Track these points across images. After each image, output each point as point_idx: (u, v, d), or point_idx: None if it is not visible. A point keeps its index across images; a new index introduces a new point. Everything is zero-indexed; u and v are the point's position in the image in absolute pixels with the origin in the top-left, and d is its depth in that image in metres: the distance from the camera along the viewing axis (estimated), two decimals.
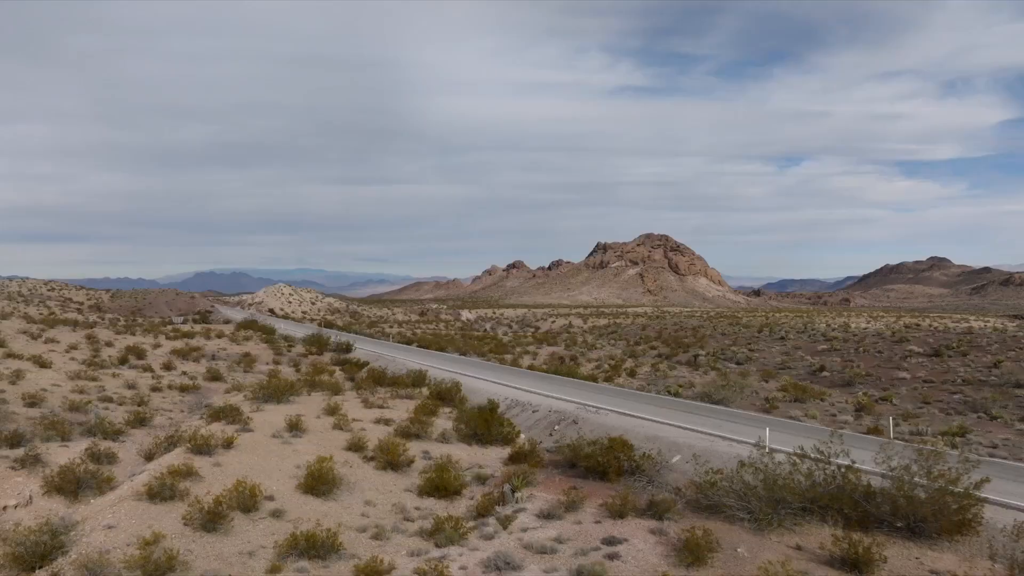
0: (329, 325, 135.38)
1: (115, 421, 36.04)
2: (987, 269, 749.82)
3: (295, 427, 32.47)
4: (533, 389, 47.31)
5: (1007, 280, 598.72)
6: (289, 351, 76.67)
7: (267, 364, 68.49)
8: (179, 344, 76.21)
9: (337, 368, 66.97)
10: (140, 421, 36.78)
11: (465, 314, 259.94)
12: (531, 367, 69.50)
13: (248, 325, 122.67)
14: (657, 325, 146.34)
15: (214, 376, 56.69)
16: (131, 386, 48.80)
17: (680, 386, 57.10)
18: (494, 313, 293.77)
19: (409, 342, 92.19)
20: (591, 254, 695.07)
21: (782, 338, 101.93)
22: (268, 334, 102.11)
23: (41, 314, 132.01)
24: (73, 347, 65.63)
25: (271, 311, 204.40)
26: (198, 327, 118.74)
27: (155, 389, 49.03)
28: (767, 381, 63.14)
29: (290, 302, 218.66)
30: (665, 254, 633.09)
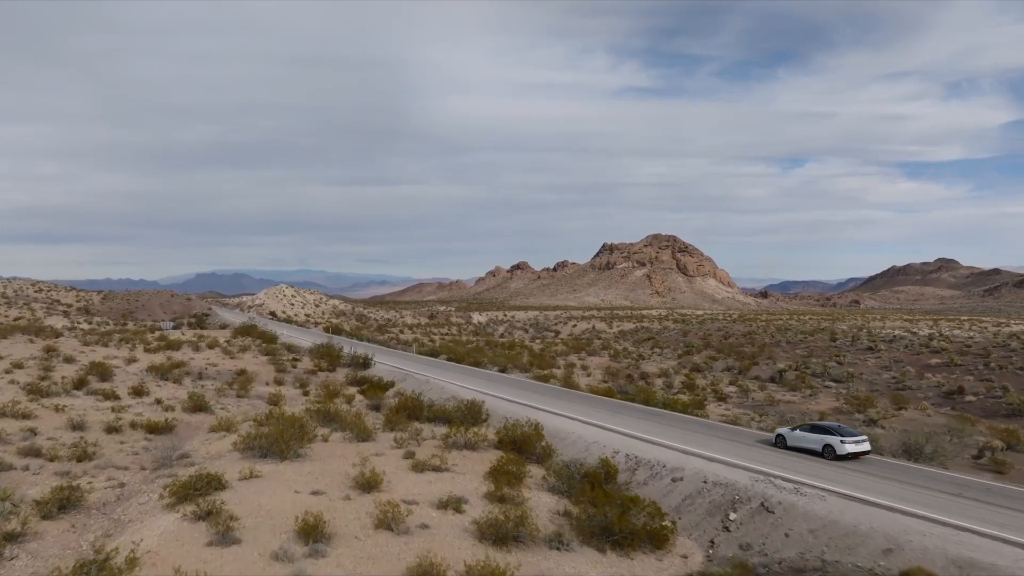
0: (336, 330, 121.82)
1: (19, 501, 22.35)
2: (996, 271, 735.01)
3: (312, 530, 18.65)
4: (637, 432, 33.58)
5: (1021, 281, 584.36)
6: (294, 366, 62.86)
7: (267, 384, 54.78)
8: (159, 358, 62.37)
9: (355, 390, 53.51)
10: (63, 503, 22.93)
11: (476, 317, 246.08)
12: (592, 389, 55.65)
13: (246, 331, 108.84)
14: (698, 330, 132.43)
15: (198, 406, 42.83)
16: (78, 425, 34.95)
17: (802, 419, 43.28)
18: (504, 316, 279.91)
19: (434, 354, 78.49)
20: (597, 255, 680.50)
21: (870, 348, 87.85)
22: (268, 342, 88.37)
23: (13, 318, 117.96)
24: (17, 365, 51.59)
25: (272, 314, 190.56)
26: (189, 334, 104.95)
27: (112, 429, 35.18)
28: (902, 408, 49.21)
29: (292, 304, 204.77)
30: (673, 255, 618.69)
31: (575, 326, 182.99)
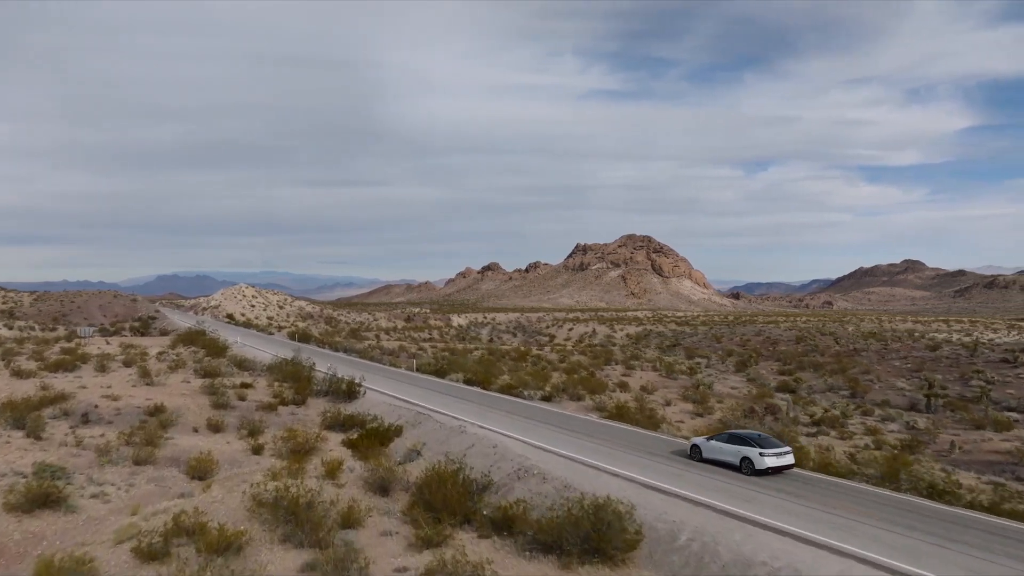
0: (303, 336, 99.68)
1: None
2: (962, 272, 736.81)
3: None
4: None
5: (991, 283, 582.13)
6: (242, 397, 41.43)
7: (195, 432, 33.64)
8: (28, 386, 40.46)
9: (339, 440, 32.81)
10: None
11: (456, 319, 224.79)
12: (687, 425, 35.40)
13: (191, 338, 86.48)
14: (729, 335, 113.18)
15: (42, 494, 21.78)
16: None
17: None
18: (485, 318, 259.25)
19: (440, 371, 57.45)
20: (570, 256, 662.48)
21: (1006, 360, 68.97)
22: (214, 355, 66.66)
23: None
24: None
25: (230, 317, 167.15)
26: (115, 343, 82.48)
27: None
28: None
29: (253, 306, 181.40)
30: (648, 255, 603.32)
31: (571, 329, 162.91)
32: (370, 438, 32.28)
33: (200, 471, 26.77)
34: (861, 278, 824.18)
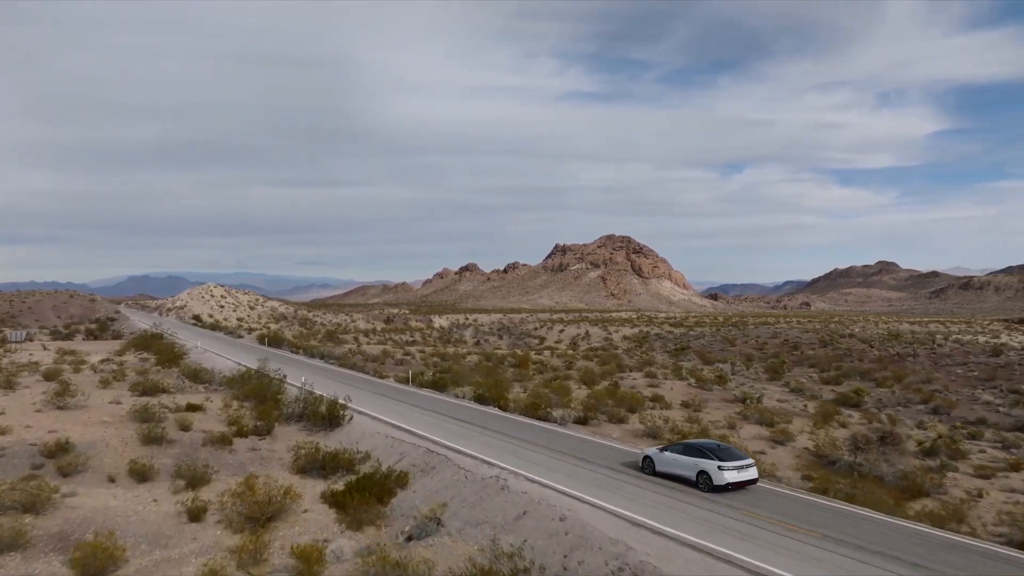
0: (275, 340, 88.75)
1: None
2: (935, 273, 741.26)
3: None
4: None
5: (966, 284, 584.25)
6: (187, 426, 30.84)
7: (108, 481, 23.36)
8: None
9: (317, 490, 23.01)
10: None
11: (438, 321, 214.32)
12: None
13: (144, 343, 75.59)
14: (742, 337, 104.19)
15: None
16: None
17: None
18: (466, 319, 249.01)
19: (439, 384, 47.11)
20: (549, 256, 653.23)
21: None
22: (167, 363, 55.94)
23: None
24: None
25: (196, 318, 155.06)
26: (53, 349, 71.25)
27: None
28: None
29: (222, 307, 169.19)
30: (627, 256, 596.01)
31: (562, 331, 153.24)
32: (363, 491, 22.24)
33: (94, 567, 16.55)
34: (836, 279, 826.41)
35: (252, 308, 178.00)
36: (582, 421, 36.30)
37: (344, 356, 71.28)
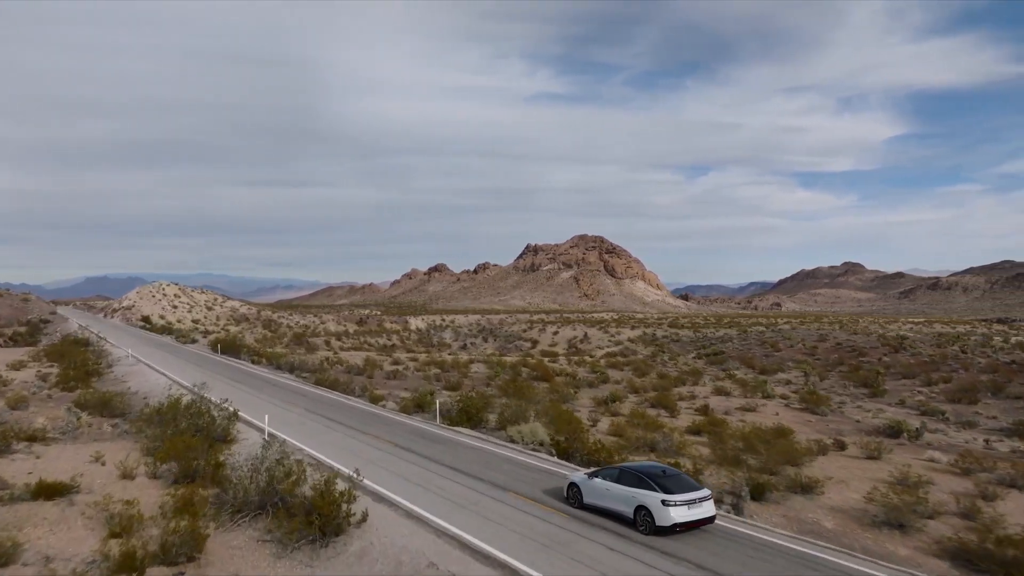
0: (231, 346, 71.21)
1: None
2: (900, 274, 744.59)
3: None
4: None
5: (935, 284, 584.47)
6: (15, 541, 14.70)
7: None
8: None
9: None
10: None
11: (415, 322, 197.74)
12: None
13: (60, 351, 58.44)
14: (772, 339, 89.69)
15: None
16: None
17: None
18: (443, 320, 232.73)
19: (473, 418, 31.34)
20: (520, 256, 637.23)
21: None
22: (72, 380, 39.44)
23: None
24: None
25: (146, 320, 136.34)
26: None
27: None
28: None
29: (175, 307, 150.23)
30: (600, 256, 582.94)
31: (556, 333, 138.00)
32: None
33: None
34: (803, 280, 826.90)
35: (210, 309, 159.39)
36: (757, 493, 20.85)
37: (319, 367, 54.75)
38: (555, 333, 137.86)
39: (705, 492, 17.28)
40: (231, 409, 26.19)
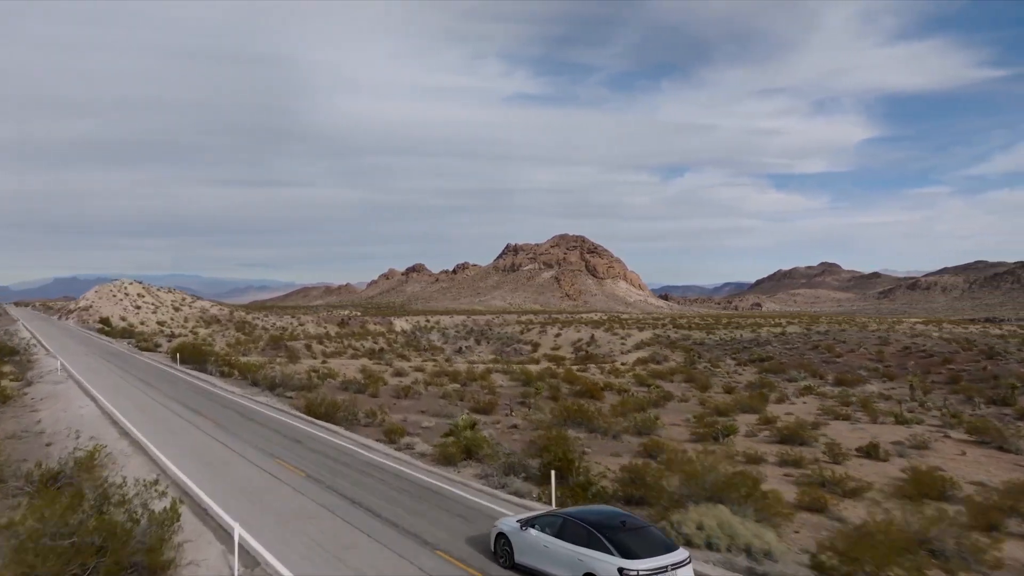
0: (197, 352, 57.81)
1: None
2: (876, 274, 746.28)
3: None
4: None
5: (914, 284, 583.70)
6: None
7: None
8: None
9: None
10: None
11: (400, 323, 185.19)
12: None
13: None
14: (822, 342, 78.57)
15: None
16: None
17: None
18: (428, 321, 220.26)
19: (563, 468, 19.66)
20: (500, 256, 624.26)
21: None
22: None
23: None
24: None
25: (104, 322, 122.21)
26: None
27: None
28: None
29: (138, 307, 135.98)
30: (582, 256, 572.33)
31: (558, 336, 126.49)
32: None
33: None
34: (780, 280, 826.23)
35: (177, 310, 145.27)
36: None
37: (308, 384, 42.18)
38: (557, 335, 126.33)
39: (682, 555, 12.39)
40: (170, 499, 13.97)
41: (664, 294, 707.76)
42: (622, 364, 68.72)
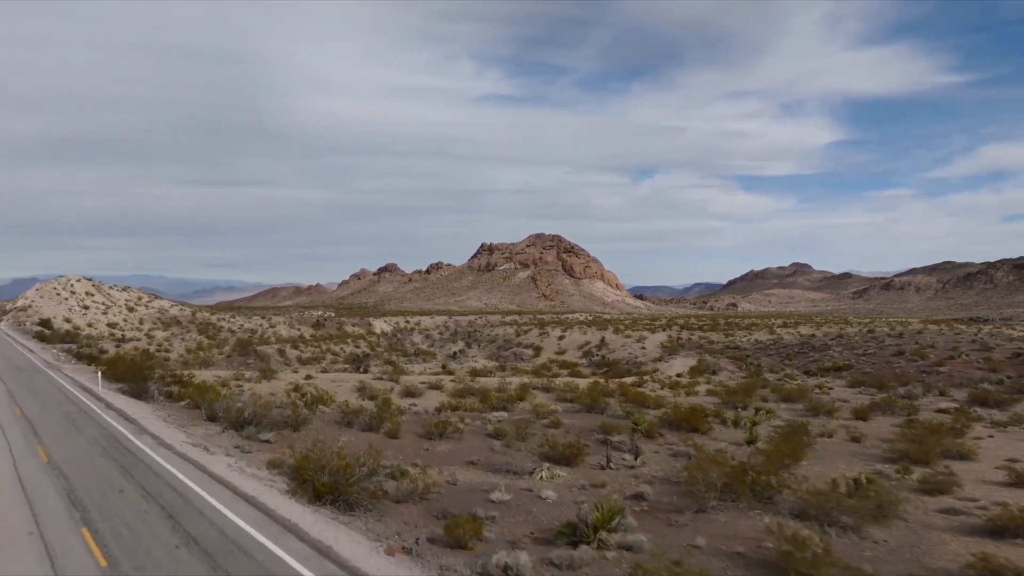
0: (133, 372, 42.80)
1: None
2: (847, 274, 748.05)
3: None
4: None
5: (888, 284, 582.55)
6: None
7: None
8: None
9: None
10: None
11: (380, 325, 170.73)
12: None
13: None
14: (908, 347, 66.23)
15: None
16: None
17: None
18: (407, 322, 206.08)
19: None
20: (475, 256, 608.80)
21: None
22: None
23: None
24: None
25: (44, 324, 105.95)
26: None
27: None
28: None
29: (86, 307, 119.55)
30: (558, 256, 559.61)
31: (562, 338, 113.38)
32: None
33: None
34: (753, 280, 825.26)
35: (132, 310, 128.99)
36: None
37: (291, 421, 27.96)
38: (560, 338, 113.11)
39: None
40: None
41: (640, 294, 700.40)
42: (676, 376, 55.55)
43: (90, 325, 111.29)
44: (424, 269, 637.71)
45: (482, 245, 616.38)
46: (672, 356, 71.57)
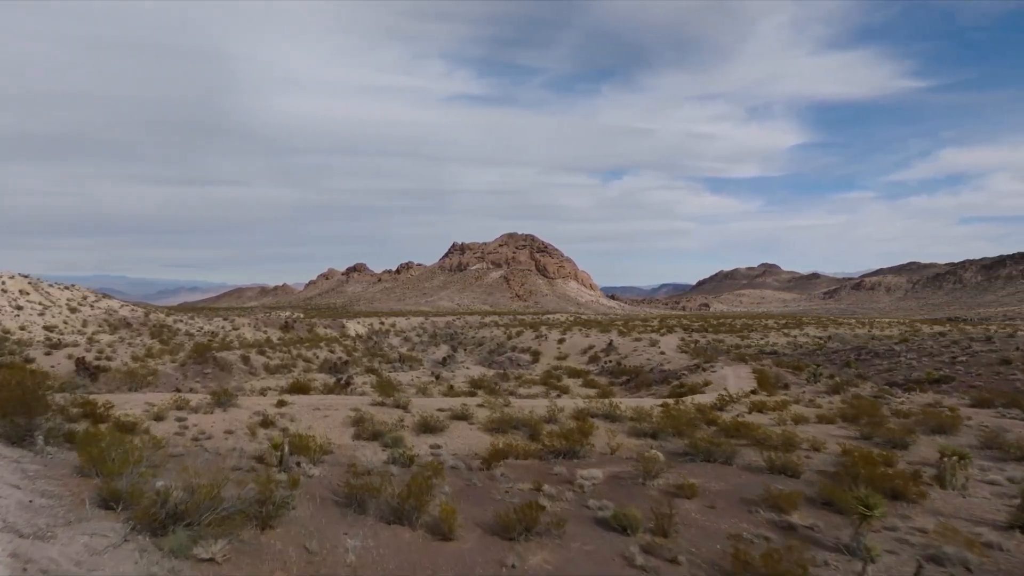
0: (21, 398, 29.50)
1: None
2: (816, 275, 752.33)
3: None
4: None
5: (857, 285, 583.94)
6: None
7: None
8: None
9: None
10: None
11: (354, 327, 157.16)
12: None
13: None
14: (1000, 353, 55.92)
15: None
16: None
17: None
18: (382, 323, 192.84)
19: None
20: (447, 255, 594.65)
21: None
22: None
23: None
24: None
25: None
26: None
27: None
28: None
29: (19, 308, 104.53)
30: (532, 255, 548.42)
31: (562, 341, 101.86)
32: None
33: None
34: (722, 281, 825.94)
35: (74, 311, 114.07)
36: None
37: (266, 507, 15.88)
38: (560, 341, 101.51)
39: None
40: None
41: (612, 295, 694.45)
42: (743, 391, 44.11)
43: (23, 328, 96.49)
44: (394, 269, 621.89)
45: (453, 244, 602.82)
46: (711, 364, 60.25)
